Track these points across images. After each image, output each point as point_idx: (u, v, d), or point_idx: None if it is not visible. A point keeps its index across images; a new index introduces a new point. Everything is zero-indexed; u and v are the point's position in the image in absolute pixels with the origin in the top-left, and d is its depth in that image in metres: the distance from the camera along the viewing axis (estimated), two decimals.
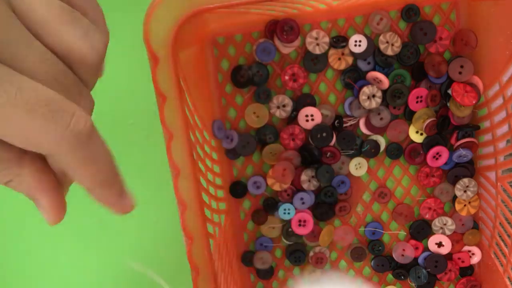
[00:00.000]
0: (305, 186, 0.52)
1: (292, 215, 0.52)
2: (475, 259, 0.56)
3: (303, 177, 0.51)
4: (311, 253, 0.55)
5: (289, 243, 0.55)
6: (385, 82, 0.49)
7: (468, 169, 0.53)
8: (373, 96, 0.49)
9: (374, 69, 0.50)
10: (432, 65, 0.50)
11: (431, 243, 0.55)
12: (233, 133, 0.50)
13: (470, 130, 0.51)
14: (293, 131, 0.51)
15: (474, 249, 0.55)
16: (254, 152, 0.52)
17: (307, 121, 0.50)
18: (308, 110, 0.50)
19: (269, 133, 0.51)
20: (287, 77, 0.50)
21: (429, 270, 0.55)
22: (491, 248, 0.54)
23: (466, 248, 0.56)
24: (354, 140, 0.52)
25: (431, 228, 0.55)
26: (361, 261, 0.56)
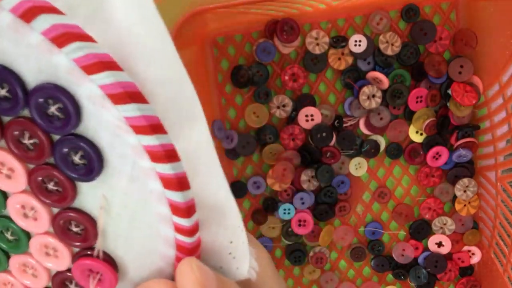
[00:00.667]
0: (305, 186, 0.52)
1: (292, 215, 0.52)
2: (475, 259, 0.56)
3: (303, 177, 0.51)
4: (311, 253, 0.55)
5: (289, 243, 0.55)
6: (385, 82, 0.49)
7: (468, 169, 0.53)
8: (373, 96, 0.49)
9: (374, 69, 0.50)
10: (432, 65, 0.50)
11: (431, 243, 0.55)
12: (233, 133, 0.50)
13: (470, 130, 0.51)
14: (293, 131, 0.51)
15: (474, 249, 0.55)
16: (254, 152, 0.52)
17: (307, 121, 0.50)
18: (308, 110, 0.50)
19: (269, 133, 0.51)
20: (287, 77, 0.50)
21: (429, 270, 0.55)
22: (491, 248, 0.54)
23: (466, 248, 0.56)
24: (354, 140, 0.52)
25: (431, 228, 0.55)
26: (361, 261, 0.56)
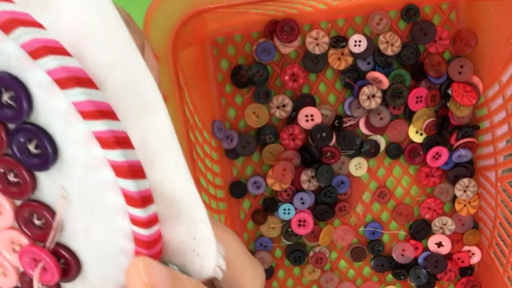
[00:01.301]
0: (305, 186, 0.52)
1: (292, 215, 0.52)
2: (475, 259, 0.56)
3: (303, 177, 0.51)
4: (311, 253, 0.55)
5: (289, 243, 0.55)
6: (385, 82, 0.49)
7: (468, 169, 0.53)
8: (373, 96, 0.49)
9: (374, 69, 0.50)
10: (432, 65, 0.50)
11: (431, 243, 0.55)
12: (233, 133, 0.50)
13: (470, 130, 0.51)
14: (293, 131, 0.51)
15: (474, 249, 0.55)
16: (254, 152, 0.52)
17: (307, 121, 0.50)
18: (308, 110, 0.50)
19: (269, 133, 0.51)
20: (287, 77, 0.50)
21: (429, 270, 0.55)
22: (491, 248, 0.54)
23: (466, 248, 0.56)
24: (354, 140, 0.52)
25: (431, 228, 0.55)
26: (361, 261, 0.56)
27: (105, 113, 0.17)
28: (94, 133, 0.17)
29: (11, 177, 0.19)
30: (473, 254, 0.56)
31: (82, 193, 0.19)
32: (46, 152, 0.18)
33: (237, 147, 0.51)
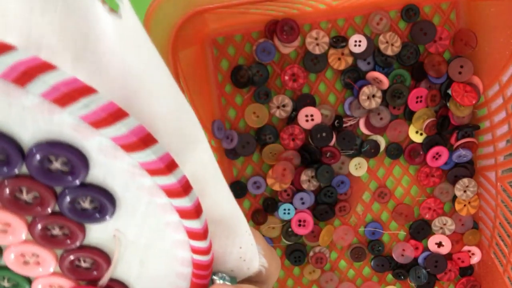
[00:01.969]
0: (305, 186, 0.52)
1: (292, 215, 0.52)
2: (475, 259, 0.56)
3: (303, 177, 0.51)
4: (311, 253, 0.55)
5: (289, 243, 0.55)
6: (385, 82, 0.49)
7: (468, 169, 0.53)
8: (373, 96, 0.49)
9: (374, 69, 0.50)
10: (432, 65, 0.50)
11: (431, 243, 0.55)
12: (233, 133, 0.50)
13: (470, 130, 0.51)
14: (293, 131, 0.51)
15: (474, 249, 0.55)
16: (254, 152, 0.52)
17: (307, 121, 0.50)
18: (308, 110, 0.50)
19: (269, 133, 0.51)
20: (287, 77, 0.50)
21: (429, 270, 0.55)
22: (491, 248, 0.54)
23: (466, 248, 0.56)
24: (354, 140, 0.52)
25: (431, 228, 0.55)
26: (361, 261, 0.56)
27: (171, 166, 0.18)
28: (161, 186, 0.18)
29: (56, 231, 0.20)
30: (473, 254, 0.56)
31: (138, 234, 0.20)
32: (103, 207, 0.19)
33: (237, 147, 0.51)
